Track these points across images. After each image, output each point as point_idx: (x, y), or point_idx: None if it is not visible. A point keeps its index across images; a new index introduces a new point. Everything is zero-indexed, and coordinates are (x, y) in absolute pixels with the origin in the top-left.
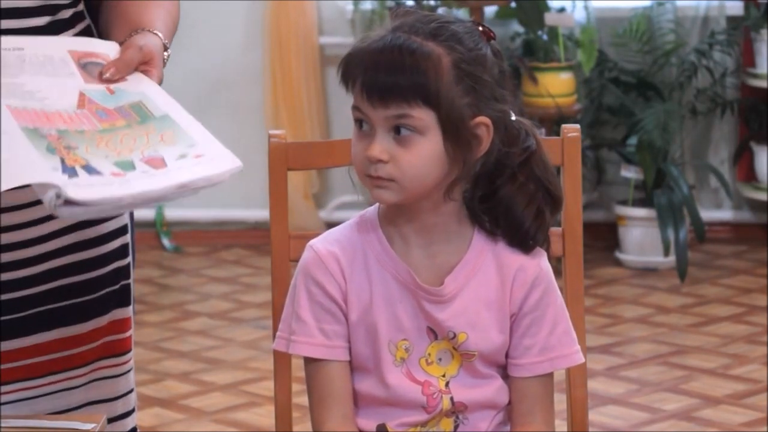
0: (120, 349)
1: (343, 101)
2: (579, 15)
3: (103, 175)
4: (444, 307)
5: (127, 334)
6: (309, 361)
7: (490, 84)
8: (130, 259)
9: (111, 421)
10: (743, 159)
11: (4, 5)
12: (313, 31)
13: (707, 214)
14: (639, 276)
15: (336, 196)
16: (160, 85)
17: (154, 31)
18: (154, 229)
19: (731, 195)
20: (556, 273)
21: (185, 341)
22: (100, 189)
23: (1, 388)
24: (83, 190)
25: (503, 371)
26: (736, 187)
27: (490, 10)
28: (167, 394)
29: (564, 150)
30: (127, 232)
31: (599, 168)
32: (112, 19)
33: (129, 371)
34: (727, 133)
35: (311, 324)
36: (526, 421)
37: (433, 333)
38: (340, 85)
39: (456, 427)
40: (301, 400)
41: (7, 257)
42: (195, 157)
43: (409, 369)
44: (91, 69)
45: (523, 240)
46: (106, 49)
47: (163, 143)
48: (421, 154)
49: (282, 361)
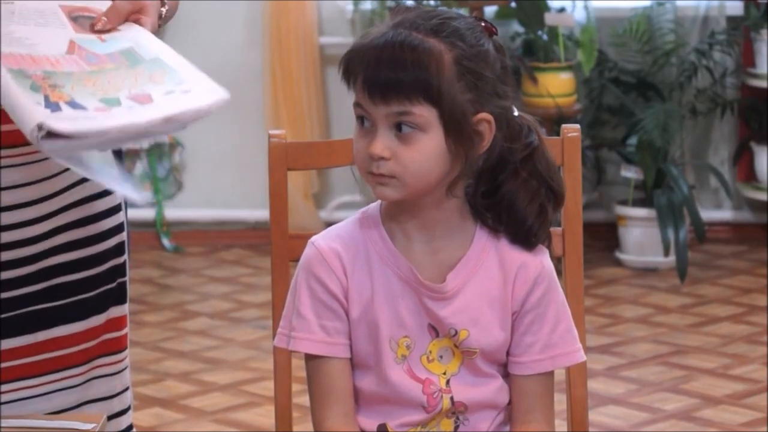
0: (117, 347)
1: (343, 101)
2: (579, 15)
3: (87, 110)
4: (446, 304)
5: (123, 332)
6: (310, 358)
7: (492, 80)
8: (126, 256)
9: (108, 419)
10: (743, 159)
11: None
12: (313, 30)
13: (707, 214)
14: (639, 276)
15: (336, 196)
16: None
17: None
18: (154, 229)
19: (731, 195)
20: (557, 273)
21: (185, 341)
22: (83, 122)
23: (0, 387)
24: (66, 123)
25: (504, 370)
26: (736, 187)
27: (490, 10)
28: (167, 394)
29: (564, 150)
30: (123, 230)
31: (599, 168)
32: None
33: (125, 369)
34: (727, 133)
35: (312, 320)
36: (527, 419)
37: (435, 330)
38: (342, 82)
39: (456, 427)
40: (301, 400)
41: (5, 256)
42: (182, 93)
43: (410, 366)
44: (83, 22)
45: (526, 237)
46: (99, 5)
47: (152, 83)
48: (422, 150)
49: (282, 361)
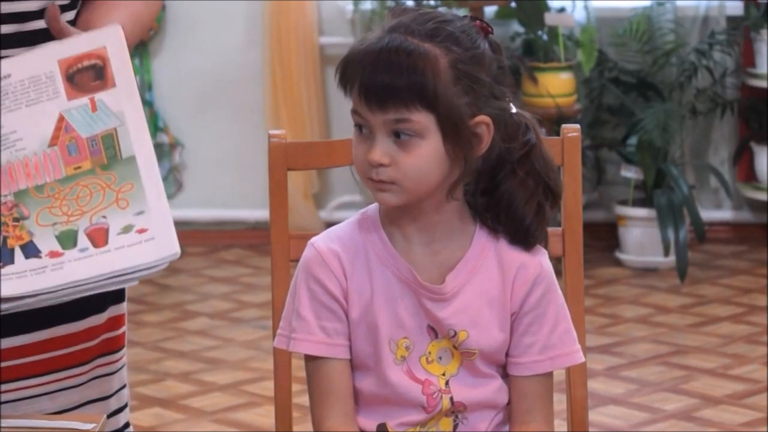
0: (116, 345)
1: (343, 101)
2: (579, 15)
3: (40, 257)
4: (445, 305)
5: (121, 331)
6: (309, 359)
7: (488, 82)
8: None
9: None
10: (743, 159)
11: (4, 9)
12: (313, 31)
13: (707, 214)
14: (639, 276)
15: (336, 196)
16: None
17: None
18: None
19: (731, 195)
20: (556, 273)
21: (185, 341)
22: (29, 280)
23: (0, 387)
24: (10, 284)
25: (503, 371)
26: (736, 187)
27: (490, 10)
28: (167, 394)
29: (564, 150)
30: None
31: (599, 168)
32: (79, 19)
33: (122, 367)
34: (727, 133)
35: (312, 321)
36: (526, 420)
37: (434, 331)
38: (339, 88)
39: (455, 426)
40: (301, 400)
41: None
42: (138, 232)
43: (410, 367)
44: (81, 79)
45: (525, 236)
46: (104, 39)
47: (116, 206)
48: (421, 156)
49: (282, 360)
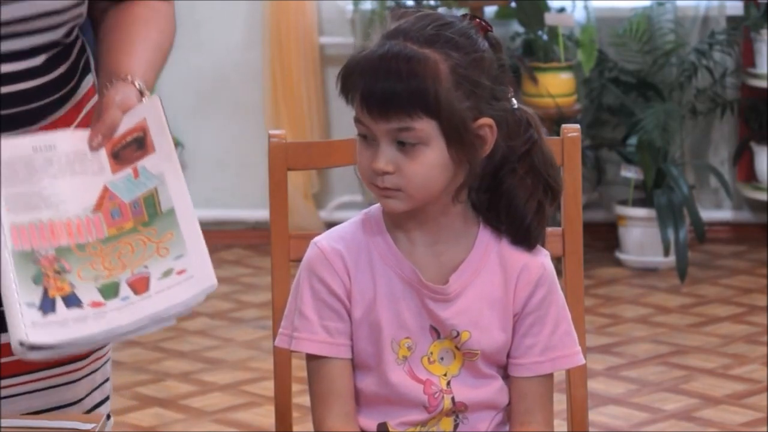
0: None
1: (343, 101)
2: (579, 15)
3: (82, 307)
4: (448, 306)
5: None
6: (311, 359)
7: (489, 85)
8: None
9: (88, 411)
10: (743, 159)
11: (4, 50)
12: (313, 31)
13: (707, 214)
14: (639, 276)
15: (336, 196)
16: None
17: (130, 79)
18: None
19: (731, 195)
20: (557, 273)
21: (185, 341)
22: (71, 328)
23: (0, 382)
24: (52, 331)
25: (504, 372)
26: (736, 187)
27: (490, 10)
28: (167, 394)
29: (564, 150)
30: None
31: (599, 168)
32: (100, 52)
33: (108, 361)
34: (727, 133)
35: (314, 321)
36: (526, 420)
37: (436, 332)
38: (340, 97)
39: (456, 426)
40: (301, 400)
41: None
42: (177, 274)
43: (411, 367)
44: (125, 154)
45: (526, 235)
46: (143, 112)
47: (157, 255)
48: (426, 163)
49: (282, 360)
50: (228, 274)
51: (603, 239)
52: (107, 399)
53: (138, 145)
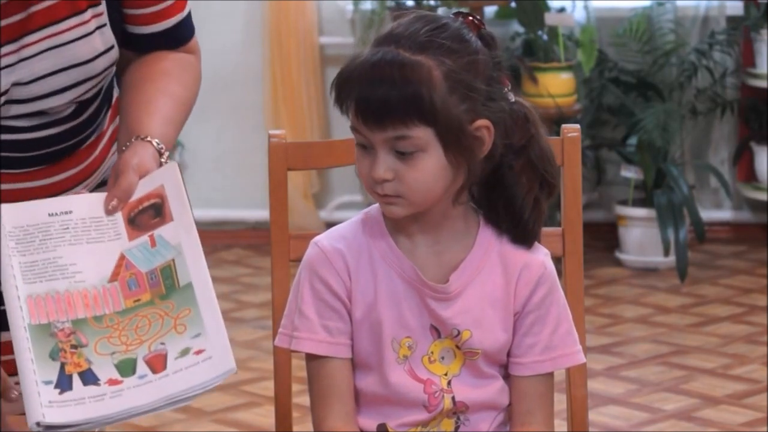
0: None
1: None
2: (579, 15)
3: (99, 385)
4: (449, 305)
5: None
6: (311, 358)
7: (485, 89)
8: None
9: None
10: (743, 159)
11: (34, 108)
12: (313, 31)
13: (707, 214)
14: (639, 276)
15: (336, 196)
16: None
17: (148, 138)
18: None
19: (731, 195)
20: (557, 273)
21: None
22: (87, 407)
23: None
24: (69, 411)
25: (504, 371)
26: (736, 187)
27: (490, 10)
28: None
29: (564, 150)
30: None
31: (599, 168)
32: (121, 106)
33: None
34: (727, 133)
35: (315, 320)
36: (526, 420)
37: (437, 331)
38: (335, 106)
39: (457, 427)
40: (301, 400)
41: None
42: (195, 354)
43: (412, 367)
44: (141, 219)
45: (524, 232)
46: (161, 178)
47: (174, 332)
48: (425, 169)
49: (282, 360)
50: (228, 274)
51: (603, 239)
52: None
53: (155, 212)
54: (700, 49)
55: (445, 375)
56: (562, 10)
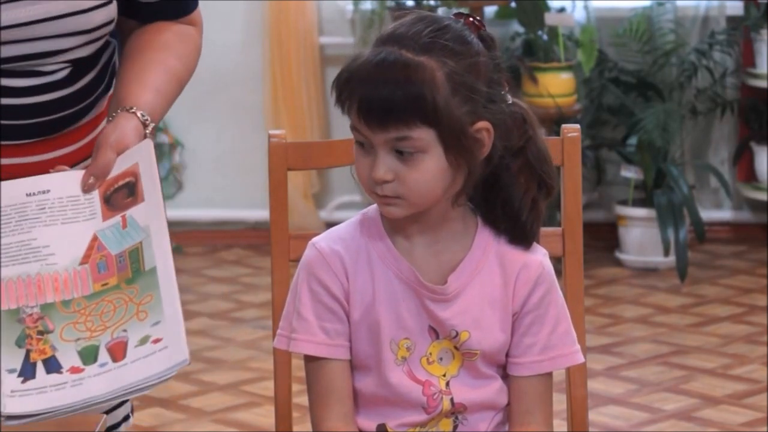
0: None
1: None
2: (579, 15)
3: (62, 373)
4: (447, 306)
5: None
6: (310, 360)
7: (486, 90)
8: None
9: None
10: (743, 159)
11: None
12: (313, 31)
13: (707, 214)
14: (639, 276)
15: (336, 196)
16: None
17: (134, 110)
18: None
19: (731, 195)
20: (556, 273)
21: None
22: (49, 396)
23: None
24: (30, 400)
25: (503, 372)
26: (736, 187)
27: (490, 10)
28: (167, 394)
29: (564, 150)
30: None
31: (599, 168)
32: (117, 75)
33: None
34: (727, 133)
35: (313, 322)
36: (525, 420)
37: (435, 332)
38: (336, 107)
39: (455, 427)
40: (301, 400)
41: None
42: (153, 342)
43: (410, 368)
44: (116, 199)
45: (522, 232)
46: (137, 155)
47: (136, 318)
48: (425, 170)
49: (282, 360)
50: (228, 274)
51: (603, 239)
52: (127, 400)
53: (129, 191)
54: (700, 49)
55: (444, 376)
56: (562, 10)
